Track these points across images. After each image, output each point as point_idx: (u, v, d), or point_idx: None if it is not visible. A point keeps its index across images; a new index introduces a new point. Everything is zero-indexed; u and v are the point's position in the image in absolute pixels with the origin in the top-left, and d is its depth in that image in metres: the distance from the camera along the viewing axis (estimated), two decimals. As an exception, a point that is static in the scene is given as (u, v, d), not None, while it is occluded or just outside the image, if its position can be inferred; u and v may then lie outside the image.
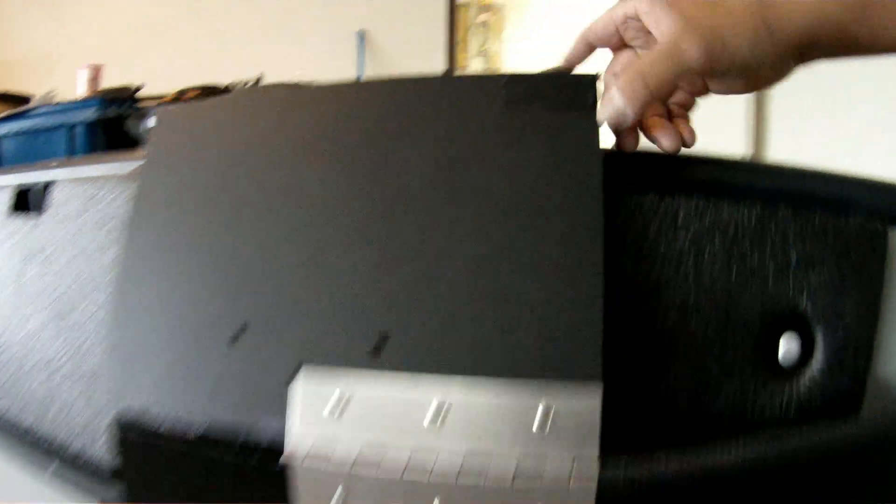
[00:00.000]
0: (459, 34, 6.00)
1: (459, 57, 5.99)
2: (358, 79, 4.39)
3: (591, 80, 0.72)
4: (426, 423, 0.60)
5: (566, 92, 0.70)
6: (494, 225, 0.65)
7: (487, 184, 0.67)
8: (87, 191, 0.87)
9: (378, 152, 0.70)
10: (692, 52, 0.64)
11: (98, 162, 0.90)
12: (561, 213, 0.65)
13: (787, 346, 0.66)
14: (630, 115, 0.67)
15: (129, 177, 0.81)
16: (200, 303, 0.69)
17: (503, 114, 0.70)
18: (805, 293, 0.66)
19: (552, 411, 0.59)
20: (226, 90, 3.68)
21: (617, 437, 0.61)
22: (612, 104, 0.70)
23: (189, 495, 0.69)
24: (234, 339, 0.65)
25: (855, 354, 0.65)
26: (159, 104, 3.48)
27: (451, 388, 0.60)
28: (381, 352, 0.61)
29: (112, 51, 4.21)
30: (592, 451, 0.59)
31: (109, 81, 3.63)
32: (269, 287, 0.66)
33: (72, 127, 3.24)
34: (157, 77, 3.96)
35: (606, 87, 0.72)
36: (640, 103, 0.68)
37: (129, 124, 3.26)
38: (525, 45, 6.69)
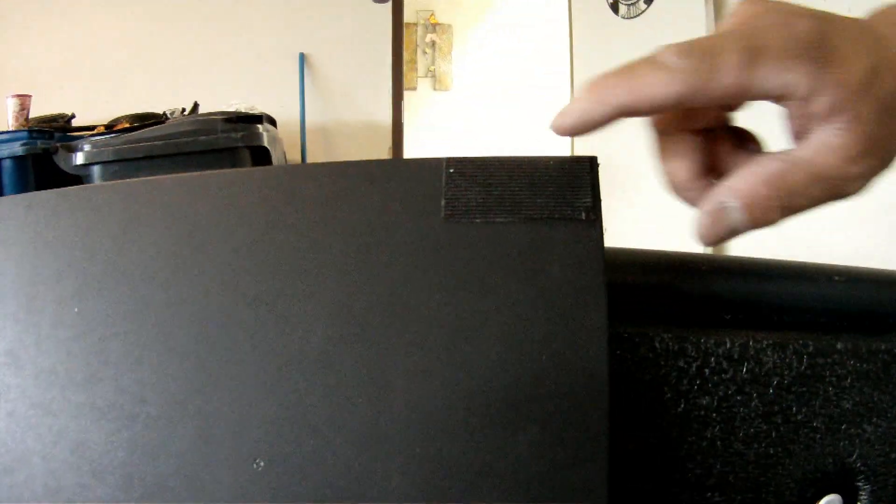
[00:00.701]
0: (407, 54, 5.90)
1: (408, 77, 5.89)
2: (301, 113, 4.26)
3: (590, 169, 0.47)
4: None
5: (545, 180, 0.47)
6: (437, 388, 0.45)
7: (428, 326, 0.46)
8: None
9: (269, 280, 0.48)
10: (860, 183, 0.43)
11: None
12: (547, 365, 0.44)
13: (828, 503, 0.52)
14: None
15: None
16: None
17: (449, 225, 0.47)
18: (856, 448, 0.51)
19: None
20: (161, 118, 3.57)
21: None
22: (726, 221, 0.43)
23: None
24: None
25: None
26: (92, 135, 3.36)
27: None
28: None
29: (44, 78, 4.06)
30: None
31: (42, 110, 3.49)
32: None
33: (-1, 161, 3.10)
34: (90, 105, 3.84)
35: (685, 194, 0.46)
36: (767, 225, 0.45)
37: (59, 158, 3.13)
38: (474, 66, 6.61)
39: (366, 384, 0.45)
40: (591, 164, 0.46)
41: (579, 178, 0.46)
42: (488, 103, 6.49)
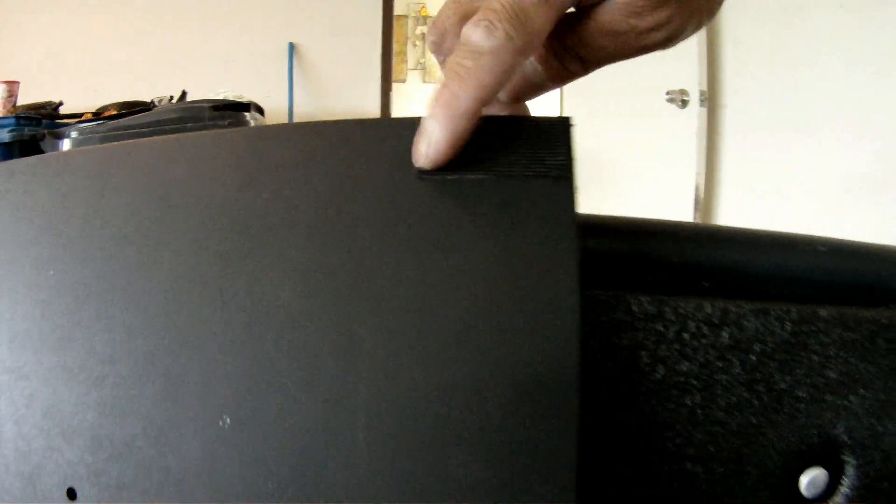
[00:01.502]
0: (397, 46, 5.88)
1: (397, 69, 5.87)
2: (290, 107, 4.23)
3: (564, 129, 0.46)
4: None
5: (520, 140, 0.46)
6: (409, 347, 0.44)
7: (398, 284, 0.45)
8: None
9: (240, 240, 0.48)
10: (659, 34, 0.44)
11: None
12: (515, 324, 0.44)
13: (813, 479, 0.51)
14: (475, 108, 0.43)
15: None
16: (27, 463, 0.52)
17: (420, 182, 0.46)
18: (841, 420, 0.51)
19: None
20: (149, 106, 3.55)
21: None
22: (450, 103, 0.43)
23: None
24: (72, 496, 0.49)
25: (892, 480, 0.51)
26: (78, 122, 3.35)
27: None
28: None
29: (33, 66, 4.04)
30: None
31: (30, 97, 3.48)
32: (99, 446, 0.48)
33: (-14, 147, 3.09)
34: (79, 93, 3.82)
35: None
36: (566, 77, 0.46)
37: (46, 144, 3.12)
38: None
39: (333, 343, 0.45)
40: (564, 124, 0.45)
41: (553, 137, 0.45)
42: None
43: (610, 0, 0.43)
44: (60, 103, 3.48)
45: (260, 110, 3.36)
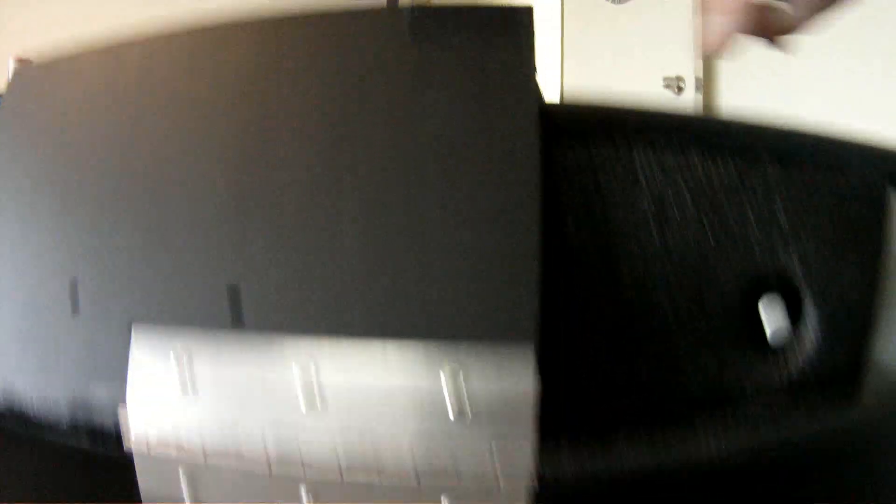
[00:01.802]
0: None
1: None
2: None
3: (525, 10, 0.55)
4: (300, 402, 0.45)
5: (492, 24, 0.54)
6: (388, 170, 0.51)
7: (387, 128, 0.52)
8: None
9: (250, 97, 0.57)
10: None
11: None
12: (482, 162, 0.50)
13: (772, 312, 0.54)
14: None
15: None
16: (34, 262, 0.55)
17: (410, 51, 0.55)
18: (794, 256, 0.55)
19: (466, 383, 0.43)
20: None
21: (562, 419, 0.47)
22: None
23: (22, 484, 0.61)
24: (75, 307, 0.51)
25: (852, 323, 0.54)
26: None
27: (325, 353, 0.44)
28: (237, 311, 0.46)
29: (44, 45, 4.06)
30: (523, 436, 0.43)
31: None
32: (102, 238, 0.51)
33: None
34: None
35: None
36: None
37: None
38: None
39: (331, 184, 0.52)
40: (528, 10, 0.56)
41: (517, 17, 0.55)
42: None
43: None
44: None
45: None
